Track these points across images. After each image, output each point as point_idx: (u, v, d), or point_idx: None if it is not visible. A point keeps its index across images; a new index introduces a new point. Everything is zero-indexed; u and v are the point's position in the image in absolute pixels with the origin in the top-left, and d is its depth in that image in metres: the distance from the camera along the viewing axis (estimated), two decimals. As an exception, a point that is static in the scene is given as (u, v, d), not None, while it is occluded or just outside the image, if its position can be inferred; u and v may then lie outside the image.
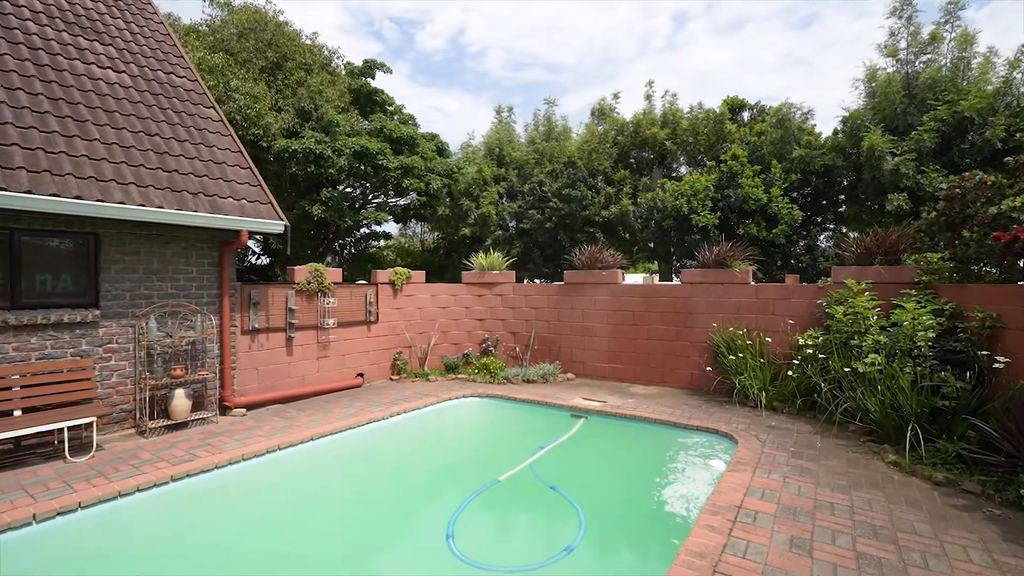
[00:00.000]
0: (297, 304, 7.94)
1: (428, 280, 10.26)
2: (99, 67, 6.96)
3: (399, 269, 9.70)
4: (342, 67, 18.22)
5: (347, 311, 8.73)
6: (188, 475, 4.89)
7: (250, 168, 7.42)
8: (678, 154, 18.10)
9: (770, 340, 7.73)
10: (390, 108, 18.81)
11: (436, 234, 22.20)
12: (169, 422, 6.17)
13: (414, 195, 17.82)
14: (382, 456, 6.11)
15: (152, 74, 7.60)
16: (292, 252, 18.02)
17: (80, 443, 5.47)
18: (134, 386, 6.10)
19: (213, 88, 13.19)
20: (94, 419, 5.24)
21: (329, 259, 20.52)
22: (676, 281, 8.78)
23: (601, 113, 18.90)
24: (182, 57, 8.41)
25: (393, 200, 19.66)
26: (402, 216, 20.12)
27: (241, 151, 7.55)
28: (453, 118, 69.99)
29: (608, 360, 9.41)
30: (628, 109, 43.00)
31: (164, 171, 6.30)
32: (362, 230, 20.00)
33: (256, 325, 7.39)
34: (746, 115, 17.98)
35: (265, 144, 14.63)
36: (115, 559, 3.79)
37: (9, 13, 6.64)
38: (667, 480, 5.29)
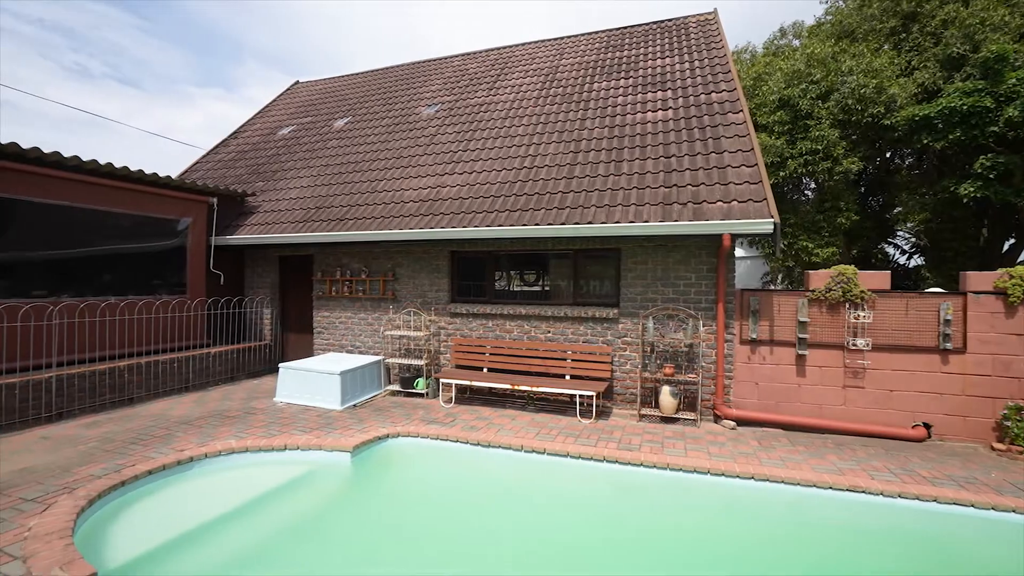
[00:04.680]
0: (810, 316, 6.54)
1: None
2: (651, 111, 8.53)
3: (1020, 269, 5.85)
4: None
5: (896, 330, 6.25)
6: (591, 457, 5.39)
7: (756, 166, 6.84)
8: None
9: None
10: None
11: None
12: (660, 414, 6.84)
13: None
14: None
15: (693, 99, 8.45)
16: (938, 250, 13.97)
17: (598, 409, 7.11)
18: (639, 376, 7.18)
19: (822, 80, 12.41)
20: (594, 393, 6.72)
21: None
22: None
23: None
24: (728, 72, 8.77)
25: None
26: None
27: (753, 149, 7.07)
28: None
29: None
30: None
31: (665, 187, 7.01)
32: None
33: (755, 336, 6.74)
34: None
35: (888, 122, 12.21)
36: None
37: (609, 96, 9.35)
38: None
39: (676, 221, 6.44)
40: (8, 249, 6.61)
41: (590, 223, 6.83)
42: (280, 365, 7.59)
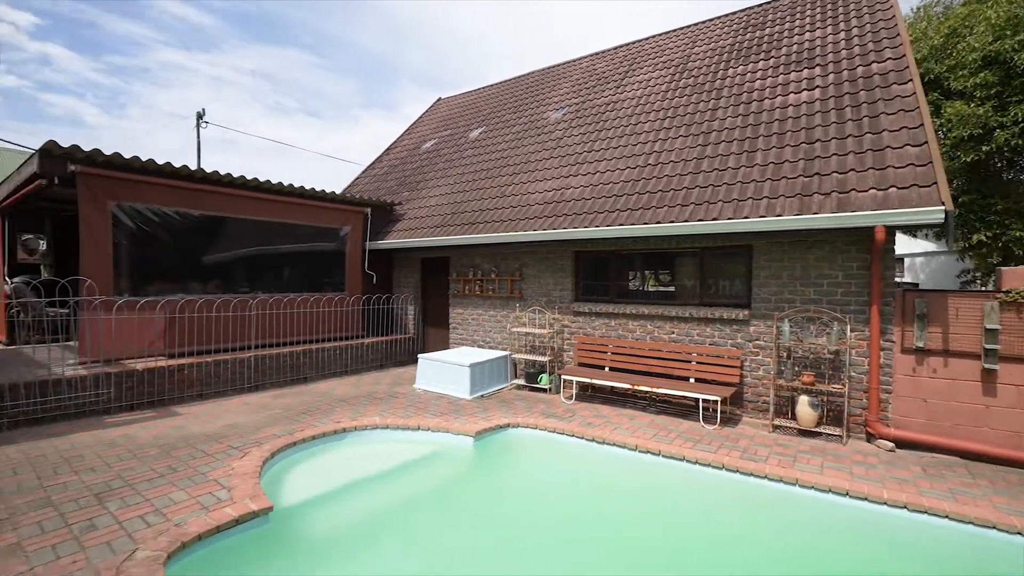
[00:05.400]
0: (1003, 323, 5.38)
1: None
2: (793, 93, 7.73)
3: None
4: None
5: None
6: (709, 464, 5.07)
7: (926, 144, 5.83)
8: None
9: None
10: None
11: None
12: (797, 426, 6.22)
13: None
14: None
15: (847, 74, 7.46)
16: None
17: (723, 416, 6.70)
18: (772, 383, 6.58)
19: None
20: (718, 398, 6.35)
21: None
22: None
23: None
24: (896, 36, 7.56)
25: None
26: None
27: (922, 124, 6.04)
28: None
29: None
30: None
31: (804, 177, 6.33)
32: None
33: (923, 344, 5.75)
34: None
35: None
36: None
37: (744, 82, 8.68)
38: None
39: (815, 214, 5.81)
40: (225, 256, 8.48)
41: (715, 219, 6.47)
42: (419, 356, 8.51)
